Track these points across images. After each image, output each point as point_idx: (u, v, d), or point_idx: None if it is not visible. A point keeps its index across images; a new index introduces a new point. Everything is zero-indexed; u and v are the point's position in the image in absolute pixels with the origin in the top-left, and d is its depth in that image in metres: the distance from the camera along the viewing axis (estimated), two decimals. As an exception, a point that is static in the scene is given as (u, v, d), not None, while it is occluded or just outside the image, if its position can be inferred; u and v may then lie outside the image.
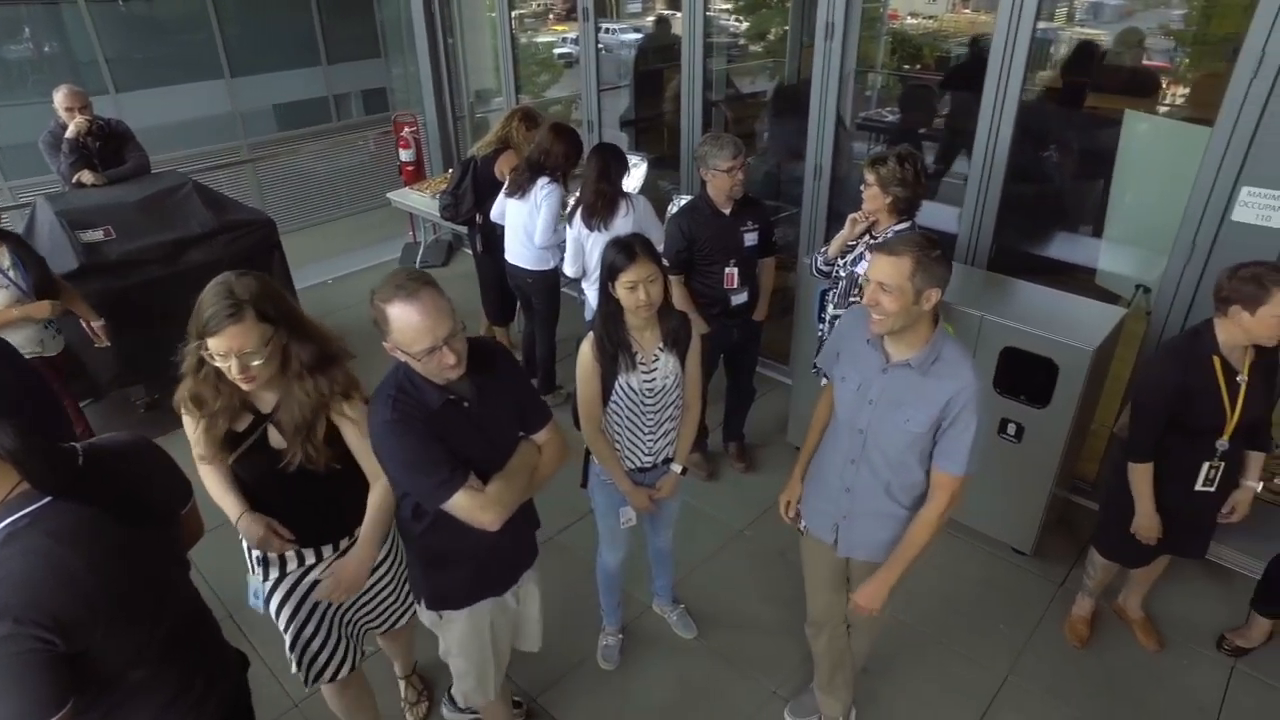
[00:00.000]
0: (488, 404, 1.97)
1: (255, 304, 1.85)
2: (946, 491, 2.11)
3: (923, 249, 1.93)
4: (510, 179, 4.08)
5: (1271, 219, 2.89)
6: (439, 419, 1.88)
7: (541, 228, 3.97)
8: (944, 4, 5.80)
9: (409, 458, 1.88)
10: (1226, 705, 2.89)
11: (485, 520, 1.89)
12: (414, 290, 1.78)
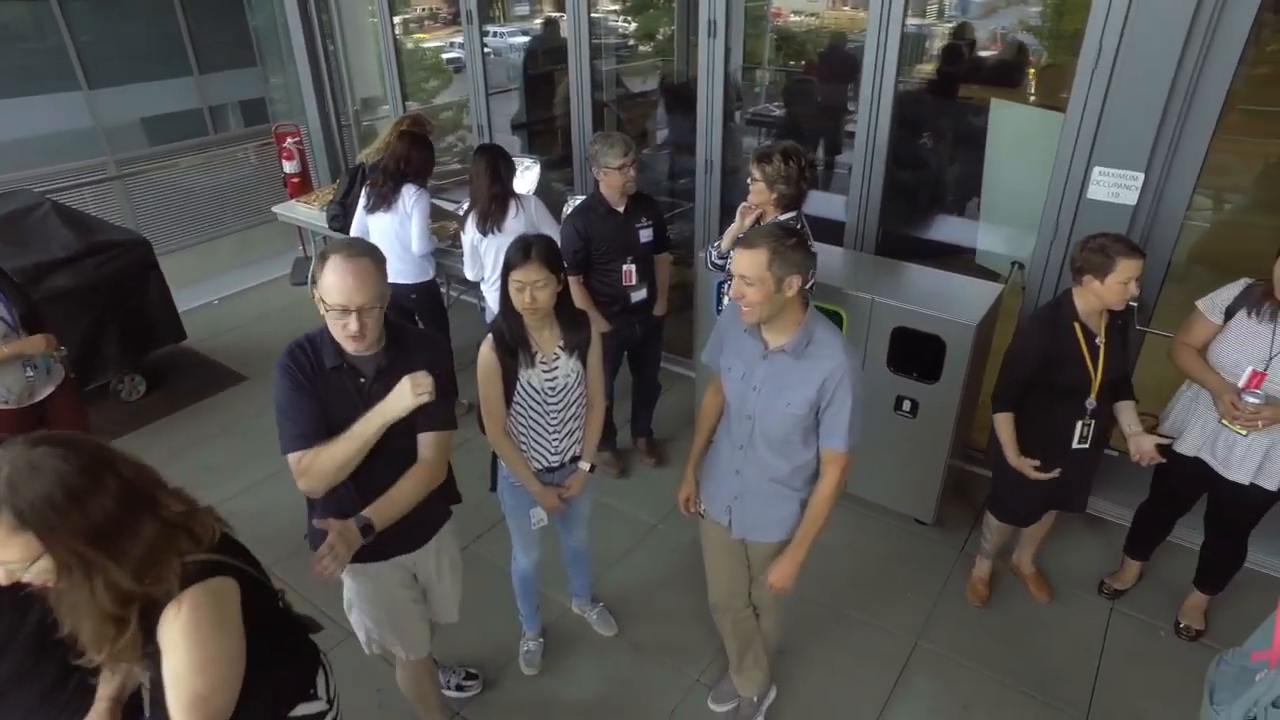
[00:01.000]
0: (385, 387, 1.98)
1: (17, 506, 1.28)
2: (836, 467, 2.21)
3: (778, 239, 2.01)
4: (370, 194, 3.94)
5: (1121, 196, 3.13)
6: (325, 381, 1.96)
7: (418, 234, 3.88)
8: (824, 1, 6.01)
9: (280, 400, 1.97)
10: (1108, 642, 3.13)
11: (301, 485, 1.96)
12: (356, 254, 1.89)
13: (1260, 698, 1.59)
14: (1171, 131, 3.04)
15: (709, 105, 4.14)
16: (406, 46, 7.07)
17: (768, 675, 2.82)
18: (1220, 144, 3.29)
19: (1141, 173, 3.07)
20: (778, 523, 2.35)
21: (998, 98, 4.00)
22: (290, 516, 3.71)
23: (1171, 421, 2.88)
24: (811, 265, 3.00)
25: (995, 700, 2.92)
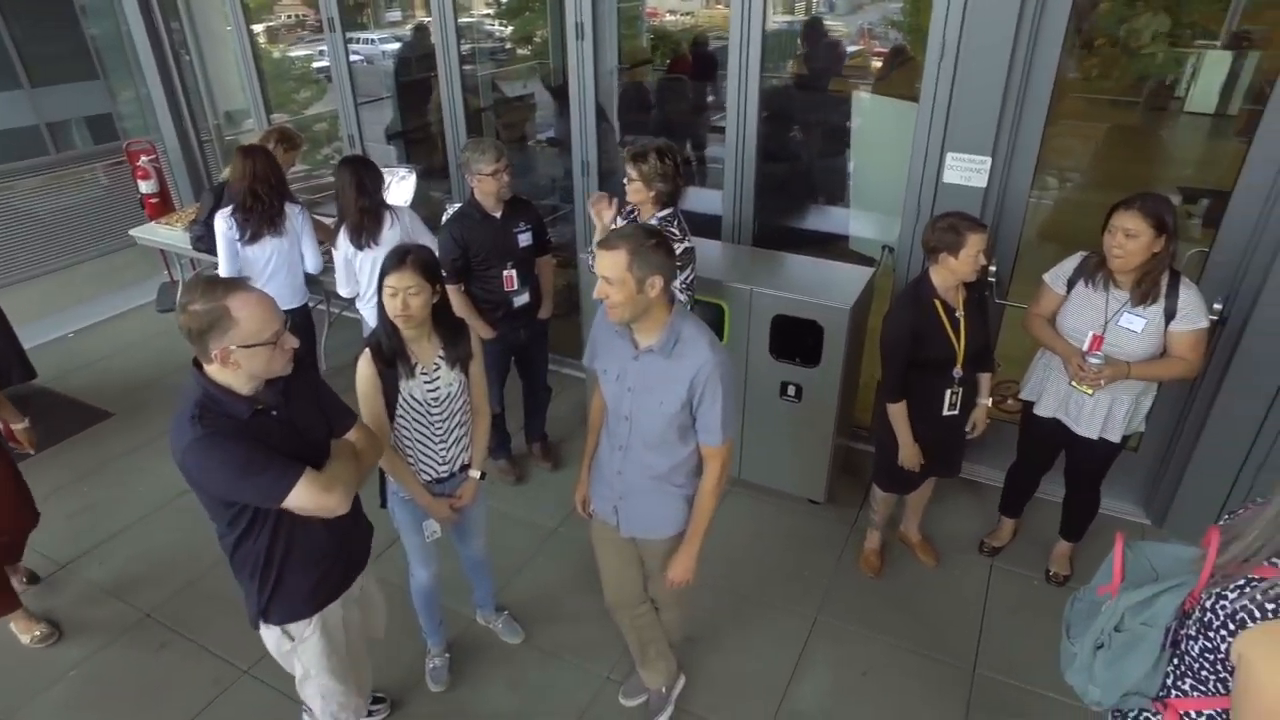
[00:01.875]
0: (296, 408, 1.97)
1: None
2: (716, 461, 2.27)
3: (638, 240, 2.05)
4: (246, 223, 3.66)
5: (972, 179, 3.34)
6: (251, 430, 1.86)
7: (311, 252, 3.78)
8: (698, 0, 6.12)
9: (236, 463, 1.82)
10: (989, 596, 3.35)
11: (331, 502, 1.89)
12: (242, 284, 1.83)
13: (1105, 625, 1.73)
14: (1011, 118, 3.26)
15: (581, 107, 4.17)
16: (272, 55, 6.79)
17: (674, 665, 2.87)
18: (1065, 129, 3.57)
19: (988, 157, 3.28)
20: (663, 519, 2.40)
21: (866, 91, 4.20)
22: (173, 557, 3.56)
23: (1030, 386, 3.10)
24: (691, 261, 3.09)
25: (892, 662, 3.06)
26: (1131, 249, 2.63)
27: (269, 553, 2.00)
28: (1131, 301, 2.75)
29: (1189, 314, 2.70)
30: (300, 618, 2.15)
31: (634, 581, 2.63)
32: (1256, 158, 3.06)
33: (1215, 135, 3.95)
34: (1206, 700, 1.62)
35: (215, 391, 1.84)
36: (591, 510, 2.59)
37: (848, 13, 6.00)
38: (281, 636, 2.16)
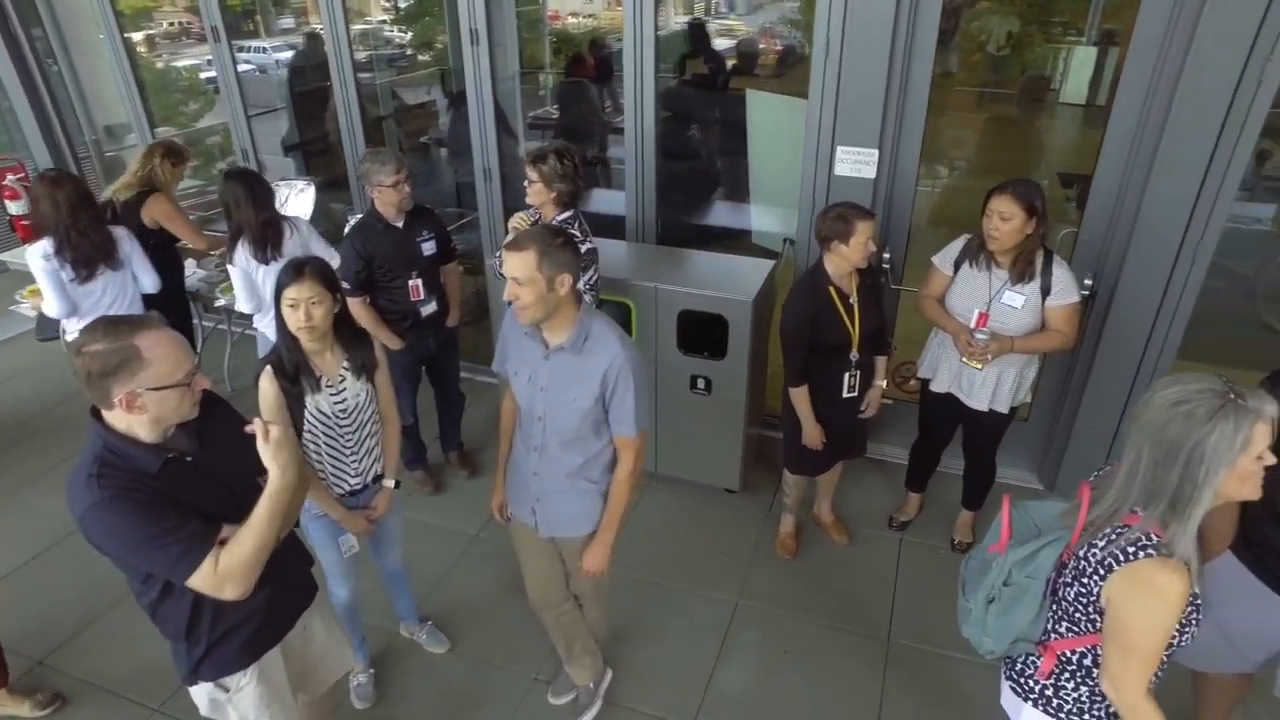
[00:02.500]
0: (214, 450, 1.81)
1: None
2: (630, 451, 2.32)
3: (545, 240, 2.08)
4: (77, 264, 3.37)
5: (862, 171, 3.48)
6: (162, 482, 1.68)
7: (145, 273, 3.61)
8: (601, 2, 6.15)
9: (140, 533, 1.63)
10: (900, 569, 3.50)
11: (229, 595, 1.70)
12: (150, 320, 1.68)
13: (995, 581, 1.85)
14: (895, 112, 3.42)
15: (480, 113, 4.15)
16: (155, 66, 6.50)
17: (600, 660, 2.90)
18: (953, 121, 3.75)
19: (876, 149, 3.43)
20: (581, 516, 2.44)
21: (766, 89, 4.32)
22: (58, 603, 3.37)
23: (926, 364, 3.26)
24: (594, 261, 3.13)
25: (812, 640, 3.17)
26: (1006, 230, 2.81)
27: (194, 610, 1.83)
28: (1011, 280, 2.92)
29: (1062, 290, 2.90)
30: (236, 670, 1.96)
31: (556, 580, 2.65)
32: (1111, 145, 3.30)
33: (1087, 124, 4.22)
34: (1079, 639, 1.76)
35: (118, 443, 1.66)
36: (509, 514, 2.60)
37: (748, 13, 6.16)
38: (215, 689, 1.98)
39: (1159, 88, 3.10)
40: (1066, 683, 1.83)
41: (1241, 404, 1.46)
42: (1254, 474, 1.52)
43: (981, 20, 4.58)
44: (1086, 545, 1.71)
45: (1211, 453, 1.47)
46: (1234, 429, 1.46)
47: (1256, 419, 1.47)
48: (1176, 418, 1.50)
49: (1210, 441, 1.47)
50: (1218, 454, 1.47)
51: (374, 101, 5.80)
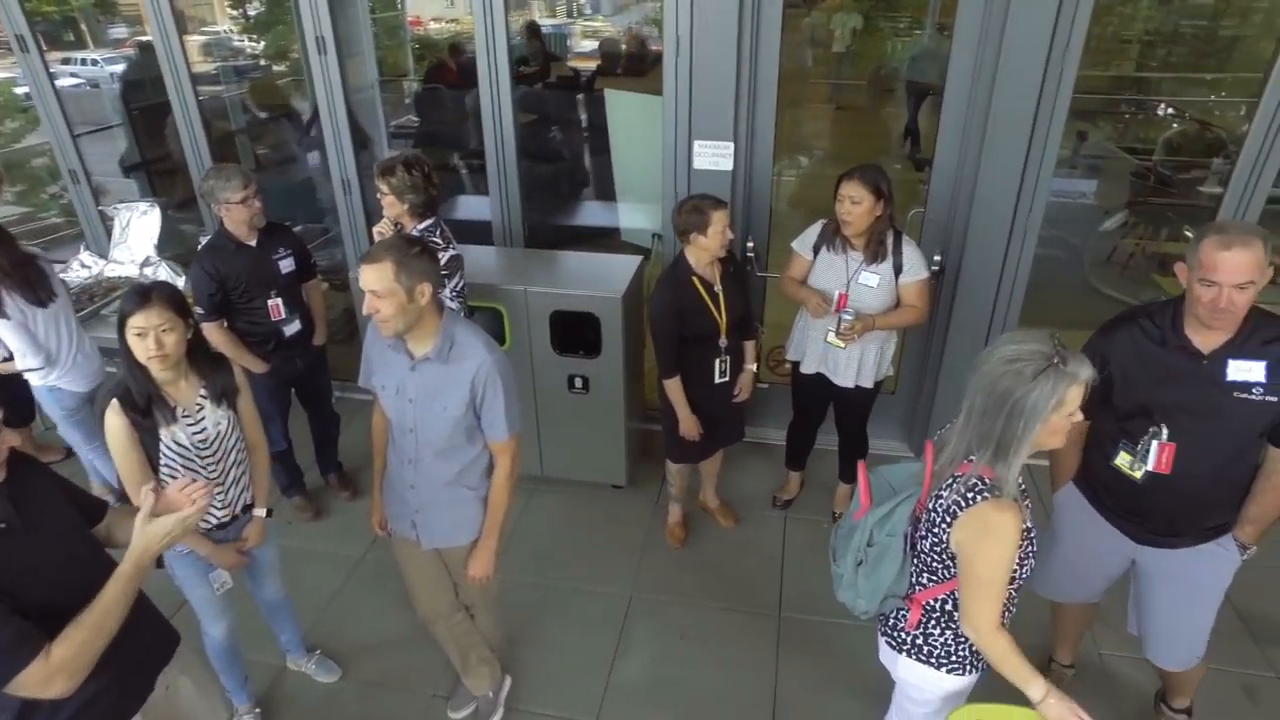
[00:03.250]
0: (34, 516, 1.64)
1: None
2: (506, 455, 2.33)
3: (400, 250, 2.06)
4: None
5: (720, 164, 3.59)
6: None
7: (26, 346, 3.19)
8: (463, 6, 6.03)
9: None
10: (786, 546, 3.63)
11: (57, 693, 1.54)
12: None
13: (859, 543, 1.97)
14: (747, 106, 3.54)
15: (333, 124, 4.02)
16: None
17: (498, 667, 2.87)
18: (812, 111, 3.90)
19: (731, 142, 3.54)
20: (463, 525, 2.42)
21: (634, 88, 4.37)
22: None
23: (794, 347, 3.39)
24: (459, 268, 3.09)
25: (706, 622, 3.24)
26: (858, 214, 2.96)
27: (27, 703, 1.62)
28: (866, 260, 3.08)
29: (912, 267, 3.08)
30: None
31: (444, 591, 2.62)
32: (945, 130, 3.53)
33: (934, 111, 4.48)
34: (940, 587, 1.89)
35: None
36: (390, 529, 2.55)
37: (613, 13, 6.22)
38: None
39: (981, 75, 3.34)
40: (934, 629, 1.96)
41: (1062, 368, 1.60)
42: (1063, 428, 1.68)
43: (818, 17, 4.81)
44: (934, 497, 1.83)
45: (1030, 408, 1.62)
46: (1052, 389, 1.60)
47: (1072, 382, 1.61)
48: (1008, 373, 1.63)
49: (1031, 398, 1.61)
50: (1036, 410, 1.61)
51: (224, 116, 5.50)
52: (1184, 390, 2.10)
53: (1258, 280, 1.94)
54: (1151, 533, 2.33)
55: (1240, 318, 2.02)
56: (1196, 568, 2.31)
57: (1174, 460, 2.16)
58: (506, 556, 3.50)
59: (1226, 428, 2.10)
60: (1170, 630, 2.46)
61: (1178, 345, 2.11)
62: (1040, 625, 2.92)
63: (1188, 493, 2.20)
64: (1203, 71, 6.04)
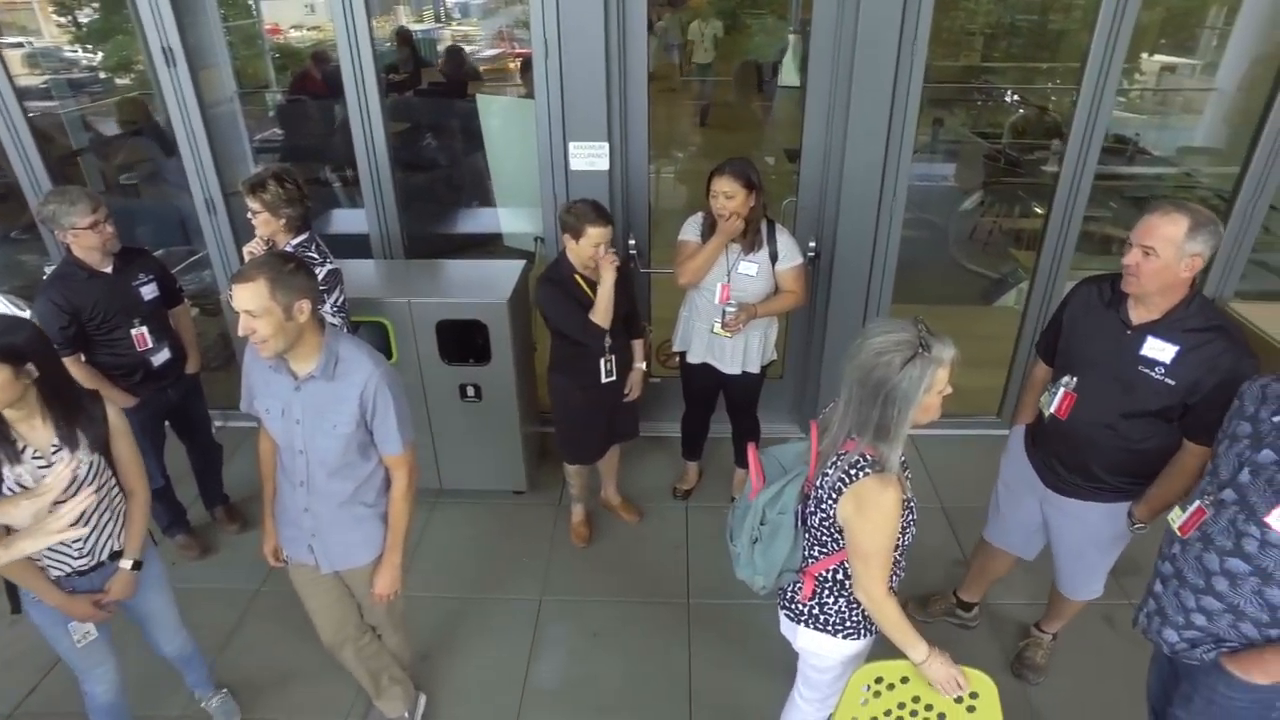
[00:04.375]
0: None
1: None
2: (402, 468, 2.29)
3: (274, 267, 1.99)
4: None
5: (596, 164, 3.62)
6: None
7: None
8: (325, 12, 5.80)
9: None
10: (690, 535, 3.72)
11: None
12: None
13: (753, 523, 2.05)
14: (618, 106, 3.59)
15: (190, 141, 3.82)
16: None
17: (411, 687, 2.82)
18: (689, 108, 3.97)
19: (605, 142, 3.58)
20: (363, 544, 2.36)
21: (511, 92, 4.34)
22: None
23: (680, 338, 3.47)
24: (338, 283, 3.01)
25: (618, 618, 3.28)
26: (732, 208, 3.05)
27: None
28: (743, 251, 3.18)
29: (787, 254, 3.20)
30: None
31: (349, 615, 2.55)
32: (810, 121, 3.69)
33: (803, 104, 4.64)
34: (830, 559, 1.99)
35: None
36: (285, 557, 2.46)
37: (483, 17, 6.13)
38: None
39: (840, 68, 3.51)
40: (828, 598, 2.06)
41: (927, 354, 1.71)
42: (936, 405, 1.80)
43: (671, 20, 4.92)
44: (821, 474, 1.93)
45: (903, 395, 1.73)
46: (919, 375, 1.72)
47: (939, 365, 1.74)
48: (879, 365, 1.74)
49: (902, 387, 1.72)
50: (907, 396, 1.73)
51: (61, 133, 5.11)
52: (1103, 350, 2.32)
53: (1163, 254, 2.08)
54: (1055, 475, 2.56)
55: (1144, 286, 2.16)
56: (1092, 520, 2.55)
57: (1071, 409, 2.40)
58: (413, 572, 3.46)
59: (1123, 396, 2.28)
60: (1068, 568, 2.74)
61: (1115, 311, 2.31)
62: (1024, 586, 3.15)
63: (1072, 442, 2.44)
64: (1038, 61, 6.54)
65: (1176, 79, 6.54)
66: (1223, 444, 1.92)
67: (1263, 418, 1.82)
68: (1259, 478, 1.77)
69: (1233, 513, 1.81)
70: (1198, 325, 2.18)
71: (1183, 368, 2.17)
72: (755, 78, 6.61)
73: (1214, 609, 1.87)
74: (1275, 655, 1.80)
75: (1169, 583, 1.98)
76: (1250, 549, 1.77)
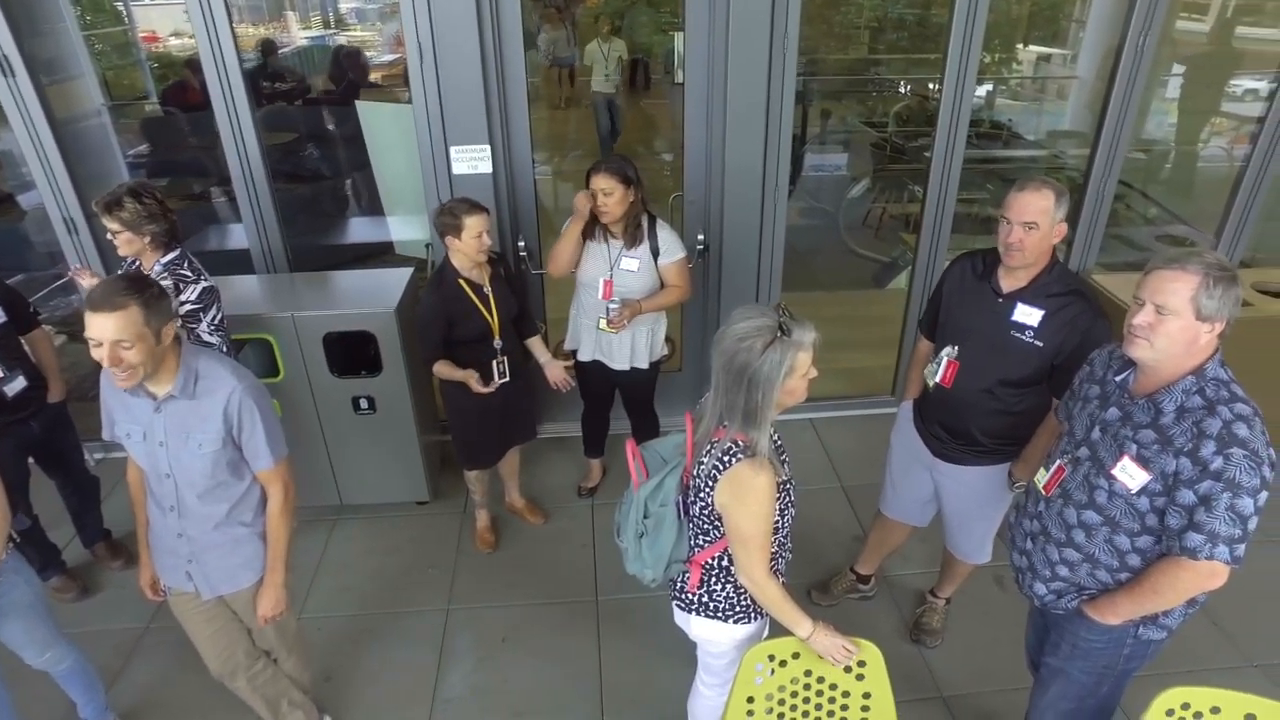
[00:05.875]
0: None
1: None
2: (276, 483, 2.23)
3: (141, 291, 1.90)
4: None
5: (479, 167, 3.59)
6: None
7: None
8: None
9: None
10: (596, 533, 3.72)
11: None
12: None
13: (636, 517, 2.09)
14: (498, 107, 3.57)
15: (41, 157, 3.60)
16: None
17: (314, 710, 2.74)
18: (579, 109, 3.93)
19: (487, 145, 3.56)
20: (243, 566, 2.29)
21: (367, 100, 4.24)
22: None
23: (570, 337, 3.49)
24: (215, 300, 2.90)
25: (527, 621, 3.27)
26: (612, 204, 3.08)
27: None
28: (625, 246, 3.21)
29: (669, 249, 3.25)
30: None
31: (238, 642, 2.46)
32: (691, 116, 3.75)
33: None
34: (714, 546, 2.03)
35: None
36: (165, 587, 2.37)
37: (376, 20, 5.96)
38: None
39: (715, 64, 3.58)
40: (715, 585, 2.10)
41: (788, 338, 1.76)
42: (800, 388, 1.85)
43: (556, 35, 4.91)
44: (697, 464, 1.97)
45: (765, 379, 1.77)
46: (780, 359, 1.76)
47: (799, 349, 1.79)
48: (741, 350, 1.78)
49: (764, 371, 1.77)
50: (769, 379, 1.77)
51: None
52: (979, 319, 2.47)
53: (1042, 225, 2.26)
54: (940, 443, 2.70)
55: (1029, 258, 2.33)
56: (976, 483, 2.71)
57: (955, 377, 2.54)
58: (315, 592, 3.38)
59: (1001, 360, 2.45)
60: (958, 532, 2.89)
61: (987, 282, 2.47)
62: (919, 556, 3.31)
63: (956, 409, 2.59)
64: (924, 53, 6.82)
65: (1050, 68, 6.94)
66: (1076, 405, 2.07)
67: (1109, 379, 1.96)
68: (1106, 434, 1.91)
69: (1087, 468, 1.95)
70: (1059, 290, 2.37)
71: (1048, 329, 2.36)
72: (645, 76, 6.66)
73: (1074, 560, 2.00)
74: (1124, 597, 1.94)
75: (1036, 539, 2.11)
76: (1101, 500, 1.91)
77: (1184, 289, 1.70)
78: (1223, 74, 5.56)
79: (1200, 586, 1.81)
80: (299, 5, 5.54)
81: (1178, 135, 5.79)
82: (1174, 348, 1.74)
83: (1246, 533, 1.72)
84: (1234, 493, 1.68)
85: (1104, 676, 2.12)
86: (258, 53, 4.75)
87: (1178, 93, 5.73)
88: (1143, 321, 1.75)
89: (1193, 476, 1.72)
